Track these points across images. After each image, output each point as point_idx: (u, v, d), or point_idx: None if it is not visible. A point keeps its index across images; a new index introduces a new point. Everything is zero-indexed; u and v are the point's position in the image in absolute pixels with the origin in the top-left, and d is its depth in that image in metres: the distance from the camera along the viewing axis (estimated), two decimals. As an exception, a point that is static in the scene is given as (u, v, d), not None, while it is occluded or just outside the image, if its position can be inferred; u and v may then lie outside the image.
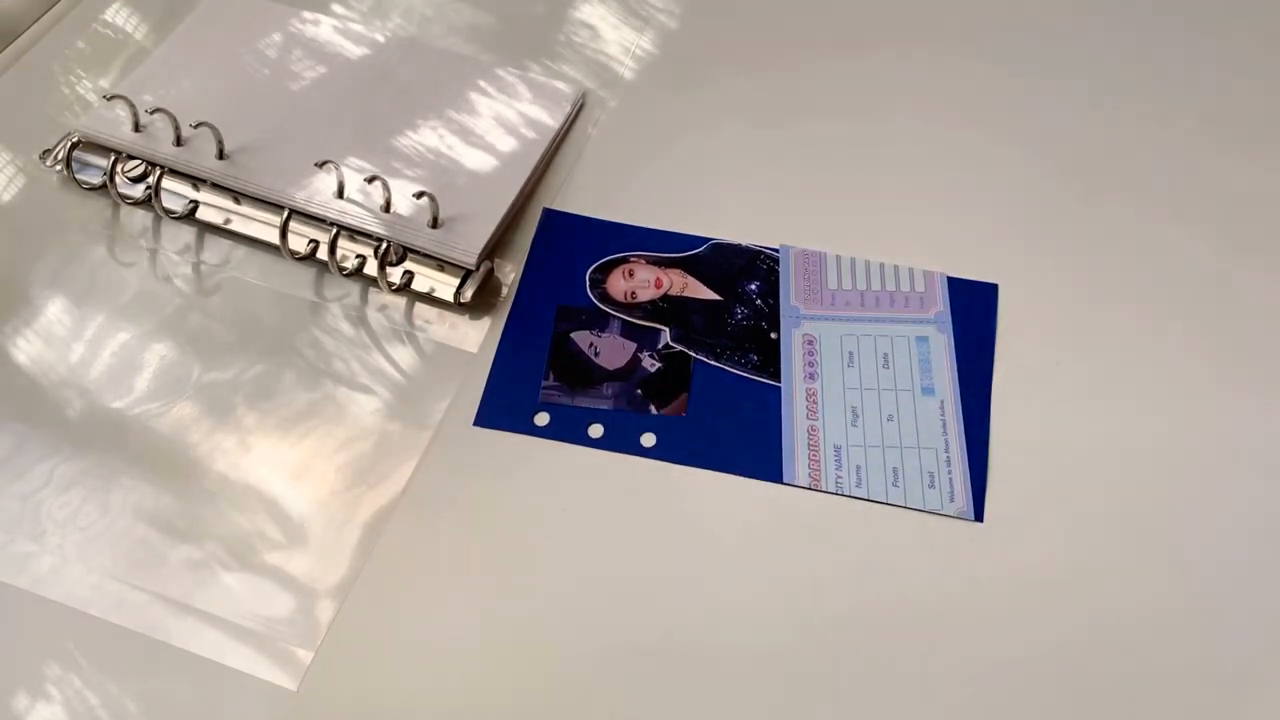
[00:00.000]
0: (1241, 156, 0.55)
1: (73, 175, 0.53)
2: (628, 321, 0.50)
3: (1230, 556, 0.43)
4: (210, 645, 0.42)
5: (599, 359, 0.48)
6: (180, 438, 0.47)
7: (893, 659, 0.41)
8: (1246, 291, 0.51)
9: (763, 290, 0.51)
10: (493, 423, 0.47)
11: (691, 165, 0.55)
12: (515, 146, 0.55)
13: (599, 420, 0.47)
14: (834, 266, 0.51)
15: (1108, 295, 0.51)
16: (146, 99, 0.55)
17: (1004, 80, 0.59)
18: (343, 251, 0.51)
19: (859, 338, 0.49)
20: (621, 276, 0.51)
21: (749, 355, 0.49)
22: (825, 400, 0.47)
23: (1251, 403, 0.47)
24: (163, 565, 0.43)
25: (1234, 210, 0.53)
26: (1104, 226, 0.53)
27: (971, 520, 0.44)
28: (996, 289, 0.51)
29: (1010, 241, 0.52)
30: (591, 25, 0.62)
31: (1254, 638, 0.41)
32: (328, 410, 0.48)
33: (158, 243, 0.53)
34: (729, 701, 0.40)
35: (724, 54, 0.60)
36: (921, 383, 0.48)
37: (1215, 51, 0.60)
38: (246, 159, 0.53)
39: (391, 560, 0.44)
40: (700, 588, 0.43)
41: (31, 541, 0.44)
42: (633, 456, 0.46)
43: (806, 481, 0.45)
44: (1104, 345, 0.49)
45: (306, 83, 0.57)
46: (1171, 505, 0.45)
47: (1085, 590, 0.42)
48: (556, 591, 0.43)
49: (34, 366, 0.49)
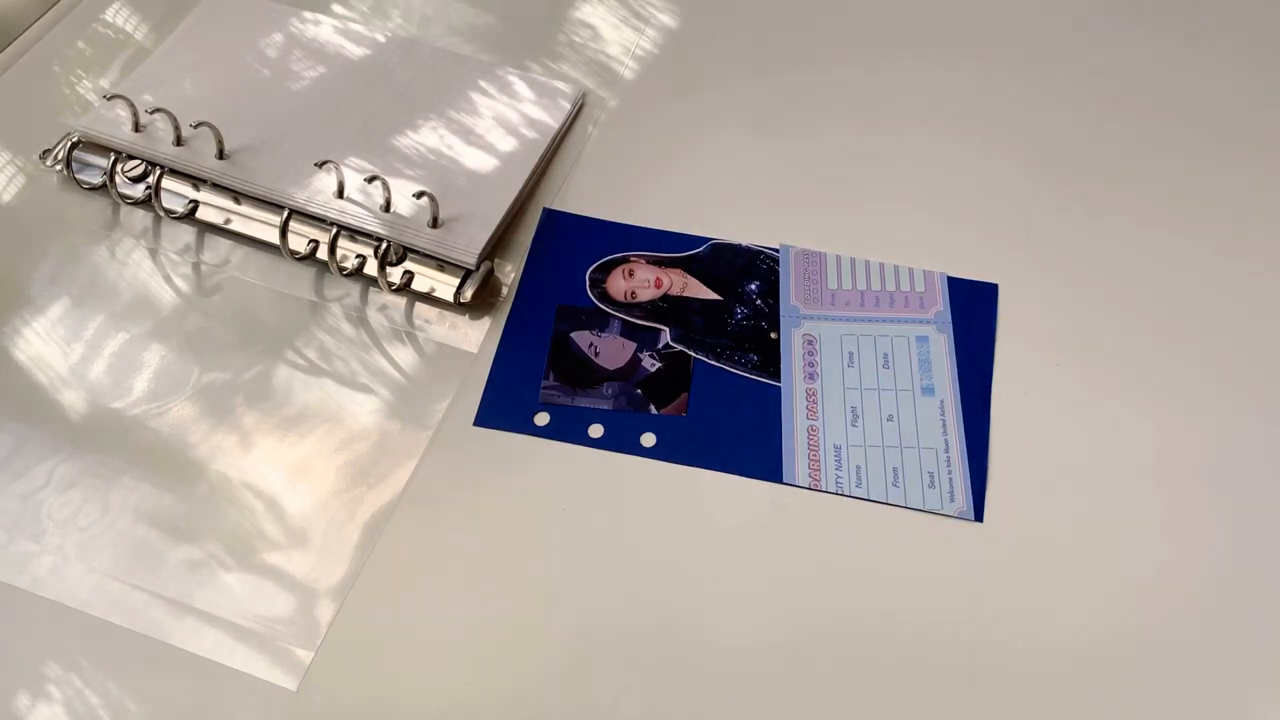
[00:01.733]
0: (1239, 159, 0.55)
1: (73, 175, 0.53)
2: (628, 321, 0.50)
3: (1231, 557, 0.43)
4: (210, 645, 0.42)
5: (599, 359, 0.48)
6: (180, 438, 0.47)
7: (892, 659, 0.41)
8: (1245, 292, 0.51)
9: (762, 290, 0.51)
10: (493, 423, 0.47)
11: (692, 165, 0.55)
12: (515, 146, 0.55)
13: (599, 420, 0.47)
14: (834, 266, 0.51)
15: (1107, 295, 0.51)
16: (146, 99, 0.55)
17: (1004, 81, 0.59)
18: (343, 251, 0.51)
19: (859, 337, 0.49)
20: (621, 276, 0.51)
21: (749, 355, 0.49)
22: (825, 400, 0.47)
23: (1251, 402, 0.47)
24: (163, 565, 0.43)
25: (1232, 212, 0.53)
26: (1103, 227, 0.53)
27: (971, 520, 0.44)
28: (996, 289, 0.51)
29: (1010, 241, 0.52)
30: (591, 25, 0.62)
31: (1255, 637, 0.42)
32: (328, 410, 0.48)
33: (158, 243, 0.53)
34: (730, 701, 0.40)
35: (724, 53, 0.60)
36: (921, 383, 0.48)
37: (1213, 55, 0.60)
38: (246, 159, 0.53)
39: (391, 560, 0.44)
40: (700, 588, 0.43)
41: (31, 541, 0.44)
42: (633, 456, 0.46)
43: (807, 482, 0.45)
44: (1104, 345, 0.49)
45: (306, 83, 0.57)
46: (1171, 505, 0.45)
47: (1085, 590, 0.43)
48: (556, 591, 0.43)
49: (34, 366, 0.49)
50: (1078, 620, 0.42)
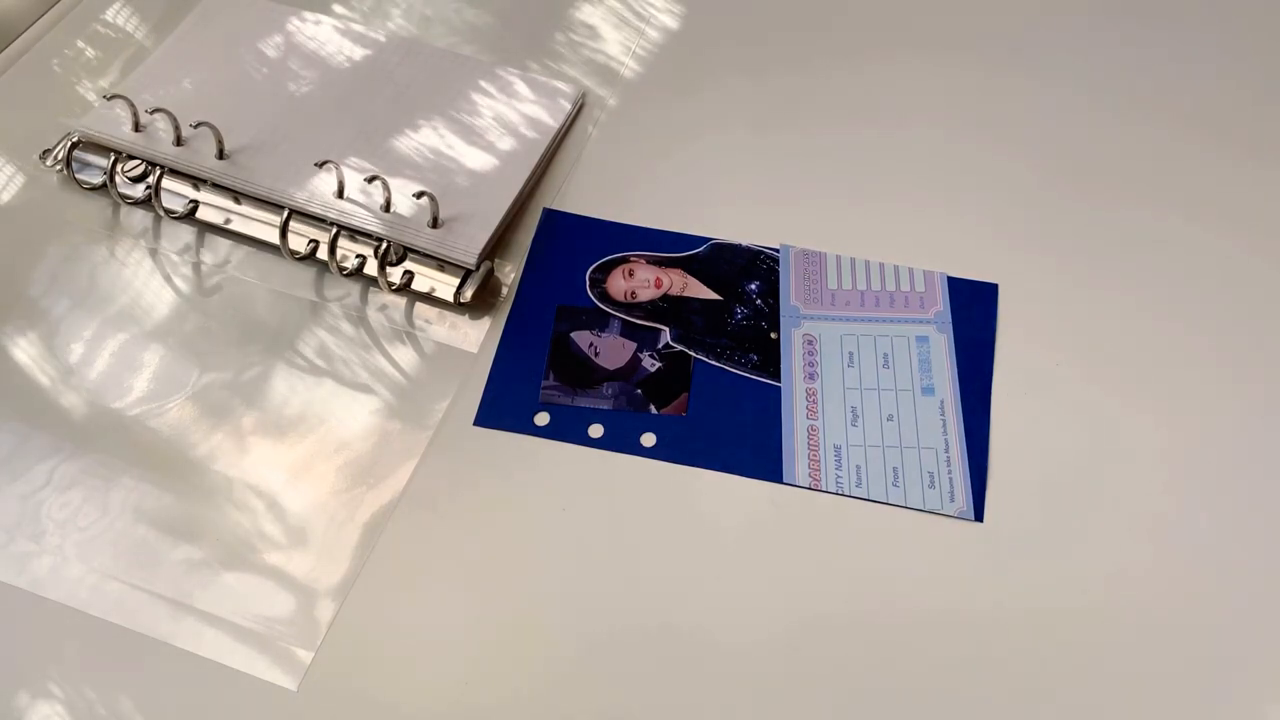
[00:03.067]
0: (1239, 157, 0.55)
1: (73, 175, 0.53)
2: (628, 321, 0.50)
3: (1232, 556, 0.43)
4: (210, 645, 0.42)
5: (599, 359, 0.48)
6: (180, 438, 0.47)
7: (891, 659, 0.41)
8: (1246, 290, 0.51)
9: (762, 290, 0.51)
10: (493, 423, 0.47)
11: (692, 165, 0.55)
12: (515, 146, 0.55)
13: (599, 420, 0.47)
14: (834, 266, 0.51)
15: (1107, 295, 0.51)
16: (146, 99, 0.55)
17: (1004, 80, 0.59)
18: (343, 251, 0.51)
19: (859, 337, 0.49)
20: (621, 276, 0.51)
21: (749, 355, 0.49)
22: (825, 400, 0.47)
23: (1252, 401, 0.47)
24: (163, 565, 0.43)
25: (1233, 210, 0.53)
26: (1103, 226, 0.53)
27: (971, 520, 0.44)
28: (996, 289, 0.51)
29: (1010, 241, 0.52)
30: (591, 25, 0.62)
31: (1257, 638, 0.41)
32: (328, 410, 0.48)
33: (158, 243, 0.53)
34: (728, 701, 0.40)
35: (724, 53, 0.60)
36: (921, 382, 0.48)
37: (1213, 53, 0.60)
38: (246, 159, 0.53)
39: (391, 560, 0.44)
40: (700, 588, 0.43)
41: (31, 541, 0.44)
42: (633, 456, 0.46)
43: (807, 482, 0.45)
44: (1104, 345, 0.49)
45: (307, 82, 0.57)
46: (1172, 505, 0.45)
47: (1085, 589, 0.42)
48: (556, 591, 0.43)
49: (34, 366, 0.49)
50: (1077, 619, 0.42)
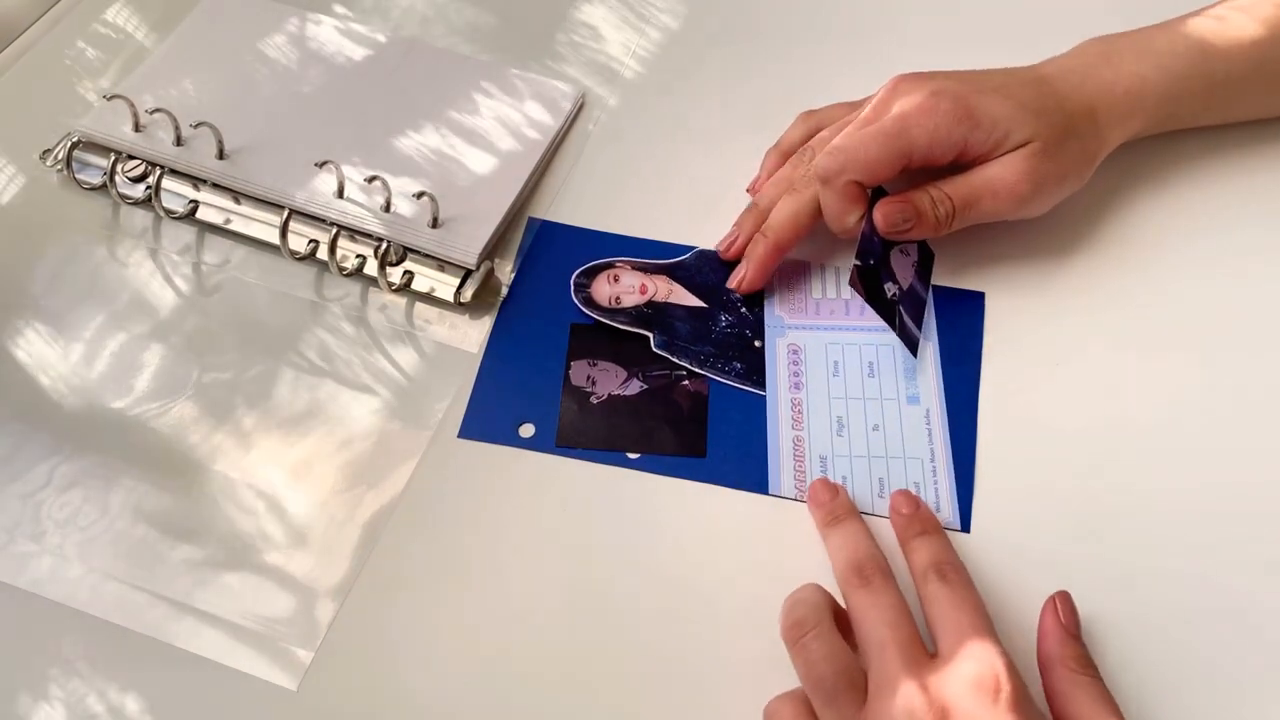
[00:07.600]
0: (1231, 163, 0.55)
1: (73, 175, 0.53)
2: (614, 327, 0.49)
3: (1223, 566, 0.43)
4: (210, 645, 0.42)
5: (595, 388, 0.48)
6: (180, 438, 0.47)
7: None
8: (1234, 301, 0.50)
9: (747, 298, 0.50)
10: (476, 434, 0.46)
11: (692, 165, 0.55)
12: (515, 146, 0.55)
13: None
14: (818, 275, 0.51)
15: (1094, 305, 0.50)
16: (146, 99, 0.55)
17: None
18: (343, 251, 0.51)
19: (844, 346, 0.49)
20: (606, 281, 0.51)
21: (733, 364, 0.48)
22: (810, 410, 0.47)
23: (1241, 411, 0.47)
24: (163, 565, 0.43)
25: (1222, 218, 0.53)
26: (1092, 235, 0.52)
27: (959, 530, 0.44)
28: (983, 297, 0.50)
29: (997, 250, 0.51)
30: (591, 25, 0.62)
31: (1248, 648, 0.41)
32: (328, 410, 0.48)
33: (158, 243, 0.53)
34: (718, 711, 0.40)
35: (724, 53, 0.60)
36: (907, 391, 0.47)
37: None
38: (246, 159, 0.53)
39: (391, 560, 0.44)
40: (688, 598, 0.43)
41: (31, 541, 0.44)
42: (619, 469, 0.46)
43: (793, 493, 0.45)
44: (1090, 354, 0.48)
45: (307, 82, 0.57)
46: (1160, 515, 0.44)
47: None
48: (555, 592, 0.43)
49: (34, 366, 0.49)
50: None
